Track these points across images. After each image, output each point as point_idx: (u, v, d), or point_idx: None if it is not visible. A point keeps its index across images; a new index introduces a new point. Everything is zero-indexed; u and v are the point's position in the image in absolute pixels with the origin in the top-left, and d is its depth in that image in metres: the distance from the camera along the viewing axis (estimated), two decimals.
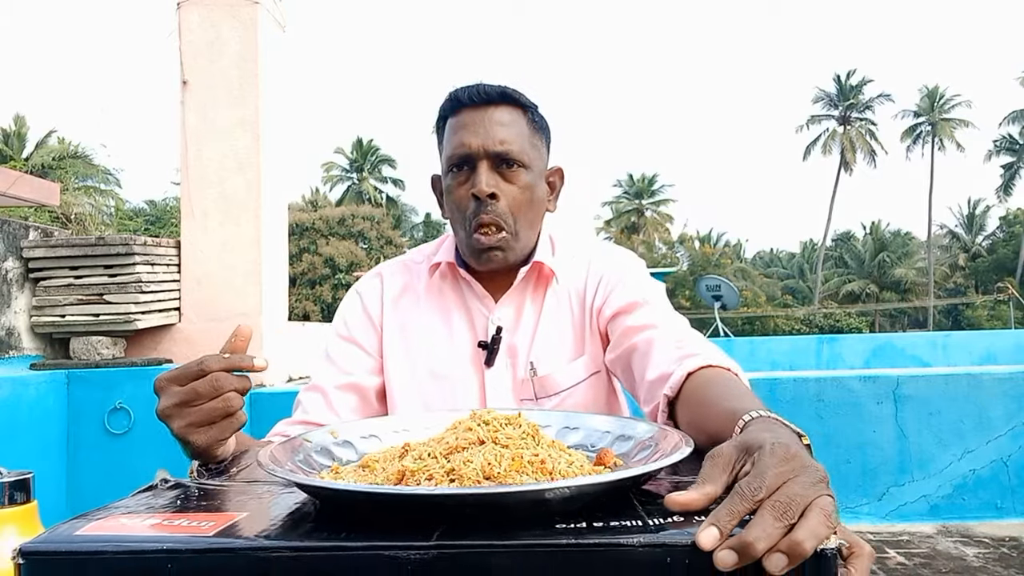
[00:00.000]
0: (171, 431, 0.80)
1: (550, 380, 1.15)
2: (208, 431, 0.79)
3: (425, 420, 0.84)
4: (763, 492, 0.50)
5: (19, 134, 27.66)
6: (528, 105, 1.15)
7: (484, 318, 1.19)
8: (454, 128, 1.13)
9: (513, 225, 1.12)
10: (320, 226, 29.31)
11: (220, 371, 0.78)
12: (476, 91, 1.12)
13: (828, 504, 0.49)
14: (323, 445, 0.77)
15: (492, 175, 1.10)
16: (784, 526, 0.47)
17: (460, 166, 1.12)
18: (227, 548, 0.49)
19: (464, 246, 1.15)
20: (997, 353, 8.96)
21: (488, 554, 0.48)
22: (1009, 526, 3.50)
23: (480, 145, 1.09)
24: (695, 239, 45.03)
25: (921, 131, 42.71)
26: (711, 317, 12.92)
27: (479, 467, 0.60)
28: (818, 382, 3.71)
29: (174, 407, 0.78)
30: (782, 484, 0.51)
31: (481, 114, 1.11)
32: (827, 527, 0.48)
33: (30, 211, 6.33)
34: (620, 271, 1.19)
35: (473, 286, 1.20)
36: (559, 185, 1.24)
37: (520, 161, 1.11)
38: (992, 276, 37.73)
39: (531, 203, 1.14)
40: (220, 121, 4.04)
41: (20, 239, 3.75)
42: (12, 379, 3.23)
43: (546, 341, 1.17)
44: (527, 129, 1.14)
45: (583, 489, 0.53)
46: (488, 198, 1.09)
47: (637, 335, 1.06)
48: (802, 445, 0.56)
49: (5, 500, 0.81)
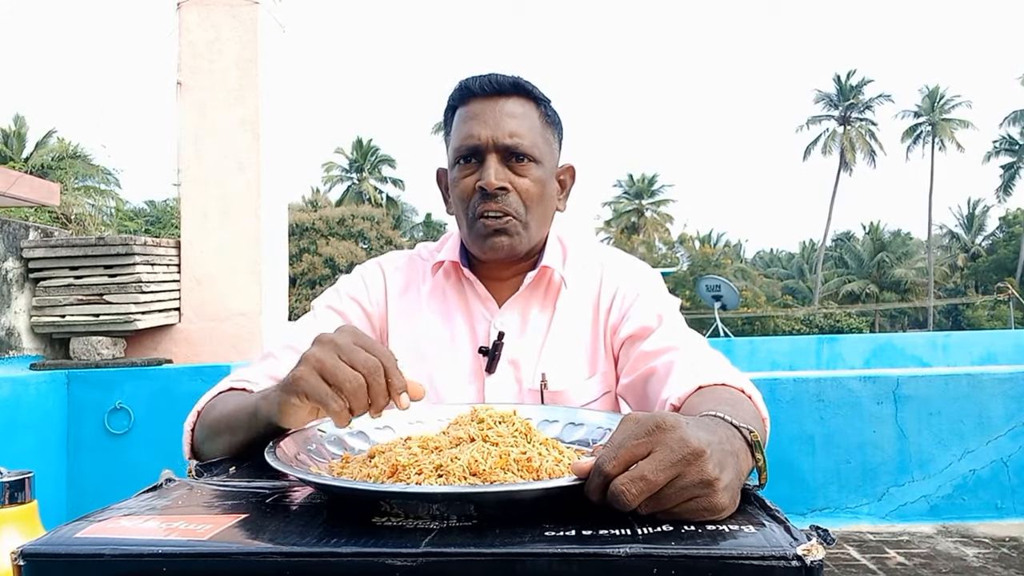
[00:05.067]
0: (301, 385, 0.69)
1: (563, 397, 1.10)
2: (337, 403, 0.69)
3: (438, 412, 0.86)
4: (611, 465, 0.54)
5: (19, 134, 27.66)
6: (541, 98, 1.11)
7: (486, 322, 1.14)
8: (463, 118, 1.09)
9: (524, 215, 1.08)
10: (320, 226, 29.32)
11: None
12: (488, 80, 1.08)
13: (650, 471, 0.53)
14: (337, 435, 0.79)
15: (501, 168, 1.06)
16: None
17: (468, 157, 1.08)
18: (221, 553, 0.50)
19: (468, 235, 1.10)
20: (997, 353, 8.95)
21: (475, 562, 0.48)
22: (1009, 526, 3.50)
23: (490, 137, 1.05)
24: (695, 239, 45.03)
25: (921, 131, 42.71)
26: (711, 317, 12.92)
27: (466, 463, 0.62)
28: (818, 382, 3.71)
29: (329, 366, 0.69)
30: (634, 459, 0.54)
31: (492, 105, 1.07)
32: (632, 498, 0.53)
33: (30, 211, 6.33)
34: (636, 286, 1.15)
35: (476, 287, 1.15)
36: (570, 183, 1.19)
37: (531, 155, 1.07)
38: (992, 276, 37.71)
39: (541, 198, 1.10)
40: (220, 121, 4.05)
41: (20, 239, 3.75)
42: (12, 379, 3.23)
43: (558, 354, 1.12)
44: (539, 123, 1.10)
45: (549, 492, 0.55)
46: (497, 191, 1.05)
47: (654, 359, 1.03)
48: (692, 431, 0.56)
49: (5, 500, 0.81)
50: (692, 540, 0.50)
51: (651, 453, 0.54)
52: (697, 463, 0.54)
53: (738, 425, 0.64)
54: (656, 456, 0.54)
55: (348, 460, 0.72)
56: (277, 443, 0.71)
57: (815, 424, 3.65)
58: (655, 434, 0.55)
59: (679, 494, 0.54)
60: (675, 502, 0.54)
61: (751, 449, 0.63)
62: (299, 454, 0.71)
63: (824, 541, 0.49)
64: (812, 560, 0.47)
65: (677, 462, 0.54)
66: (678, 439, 0.54)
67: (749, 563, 0.47)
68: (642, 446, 0.55)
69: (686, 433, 0.55)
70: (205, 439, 0.89)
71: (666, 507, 0.54)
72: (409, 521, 0.55)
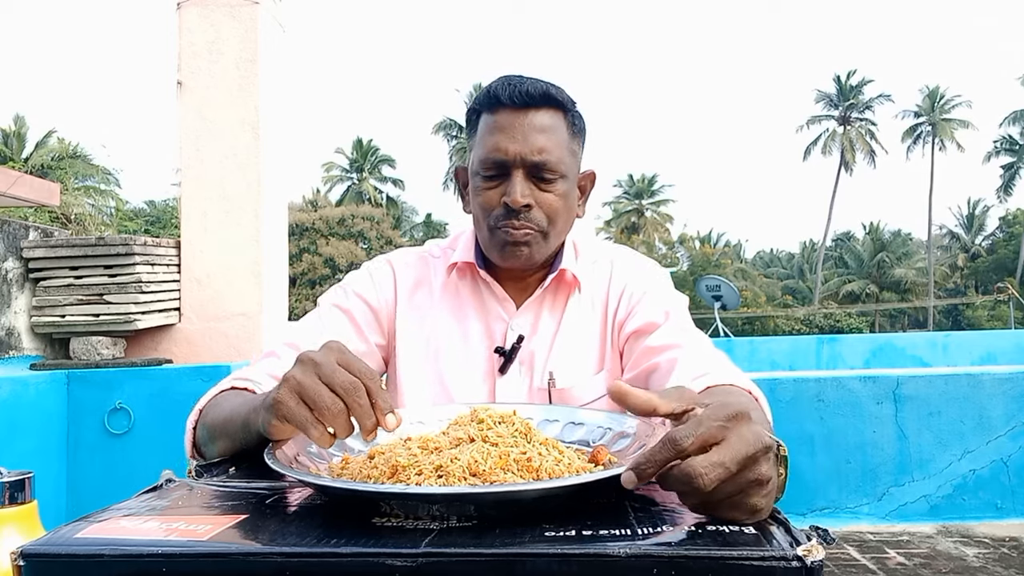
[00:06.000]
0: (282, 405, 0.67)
1: (570, 394, 1.10)
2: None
3: (439, 412, 0.86)
4: (688, 442, 0.53)
5: (19, 134, 27.67)
6: (570, 107, 1.10)
7: (502, 323, 1.14)
8: (490, 129, 1.06)
9: (546, 227, 1.08)
10: (320, 226, 29.34)
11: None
12: (518, 92, 1.05)
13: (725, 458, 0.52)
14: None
15: (527, 184, 1.05)
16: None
17: (493, 170, 1.06)
18: (220, 553, 0.50)
19: (487, 241, 1.10)
20: (997, 353, 8.95)
21: (475, 563, 0.48)
22: (1009, 526, 3.50)
23: (517, 153, 1.04)
24: (695, 239, 45.06)
25: (921, 131, 42.73)
26: (711, 317, 12.91)
27: (465, 464, 0.62)
28: (818, 382, 3.71)
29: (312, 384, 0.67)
30: (712, 441, 0.53)
31: (521, 118, 1.05)
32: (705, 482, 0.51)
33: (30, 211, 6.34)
34: (644, 283, 1.15)
35: (493, 288, 1.15)
36: (589, 189, 1.19)
37: (558, 171, 1.06)
38: (992, 276, 37.72)
39: (564, 211, 1.10)
40: (220, 121, 4.05)
41: (20, 239, 3.75)
42: (12, 379, 3.23)
43: (567, 352, 1.12)
44: (567, 135, 1.08)
45: (547, 492, 0.55)
46: (522, 208, 1.05)
47: (658, 355, 1.03)
48: (762, 429, 0.56)
49: (5, 500, 0.81)
50: (692, 540, 0.50)
51: (726, 440, 0.53)
52: (760, 461, 0.54)
53: (778, 442, 0.64)
54: (733, 445, 0.53)
55: (348, 461, 0.72)
56: (277, 444, 0.71)
57: (815, 424, 3.65)
58: (734, 422, 0.54)
59: (734, 488, 0.53)
60: (727, 495, 0.53)
61: (776, 461, 0.63)
62: (299, 455, 0.71)
63: (824, 541, 0.49)
64: (812, 561, 0.47)
65: (748, 456, 0.53)
66: (754, 433, 0.54)
67: (749, 563, 0.47)
68: (721, 430, 0.54)
69: (759, 428, 0.55)
70: (205, 440, 0.89)
71: (716, 500, 0.53)
72: (409, 522, 0.55)
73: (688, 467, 0.52)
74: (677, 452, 0.53)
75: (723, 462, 0.52)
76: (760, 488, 0.53)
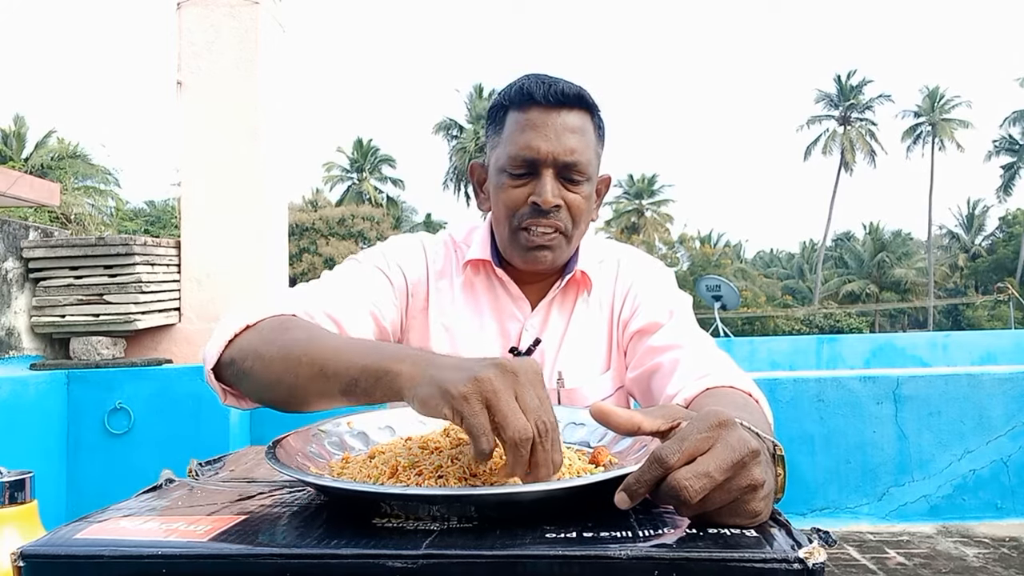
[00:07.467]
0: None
1: (577, 394, 1.10)
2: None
3: None
4: (675, 459, 0.52)
5: (19, 134, 27.66)
6: (596, 109, 1.10)
7: (517, 322, 1.14)
8: (521, 126, 1.05)
9: (570, 229, 1.07)
10: (320, 226, 29.36)
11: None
12: (553, 92, 1.04)
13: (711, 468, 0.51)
14: (338, 435, 0.79)
15: (556, 184, 1.05)
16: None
17: (522, 168, 1.05)
18: (220, 554, 0.50)
19: (508, 241, 1.09)
20: (997, 353, 8.95)
21: (475, 564, 0.48)
22: (1009, 526, 3.50)
23: (549, 152, 1.03)
24: (695, 239, 45.06)
25: (921, 131, 42.74)
26: (711, 317, 12.90)
27: (466, 464, 0.62)
28: (818, 382, 3.71)
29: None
30: (697, 453, 0.53)
31: (554, 117, 1.04)
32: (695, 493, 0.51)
33: (30, 211, 6.34)
34: (649, 282, 1.15)
35: (509, 288, 1.15)
36: (604, 193, 1.19)
37: (586, 173, 1.06)
38: (992, 276, 37.74)
39: (587, 212, 1.10)
40: (220, 121, 4.05)
41: (20, 239, 3.75)
42: (12, 379, 3.23)
43: (575, 352, 1.13)
44: (594, 137, 1.08)
45: (537, 494, 0.55)
46: (552, 208, 1.04)
47: (661, 355, 1.03)
48: (749, 433, 0.55)
49: (5, 500, 0.81)
50: (694, 543, 0.50)
51: (712, 449, 0.53)
52: (750, 466, 0.53)
53: (763, 437, 0.63)
54: (718, 453, 0.53)
55: (348, 461, 0.72)
56: (278, 444, 0.71)
57: (815, 424, 3.65)
58: (717, 431, 0.54)
59: (727, 496, 0.53)
60: (721, 503, 0.53)
61: (773, 461, 0.63)
62: (299, 455, 0.71)
63: (825, 543, 0.49)
64: (814, 563, 0.46)
65: (736, 463, 0.52)
66: (739, 439, 0.53)
67: (751, 566, 0.47)
68: (705, 441, 0.53)
69: (745, 434, 0.54)
70: (249, 367, 0.80)
71: (710, 508, 0.52)
72: (409, 522, 0.55)
73: (673, 481, 0.52)
74: (665, 469, 0.52)
75: (707, 472, 0.51)
76: (755, 492, 0.53)
